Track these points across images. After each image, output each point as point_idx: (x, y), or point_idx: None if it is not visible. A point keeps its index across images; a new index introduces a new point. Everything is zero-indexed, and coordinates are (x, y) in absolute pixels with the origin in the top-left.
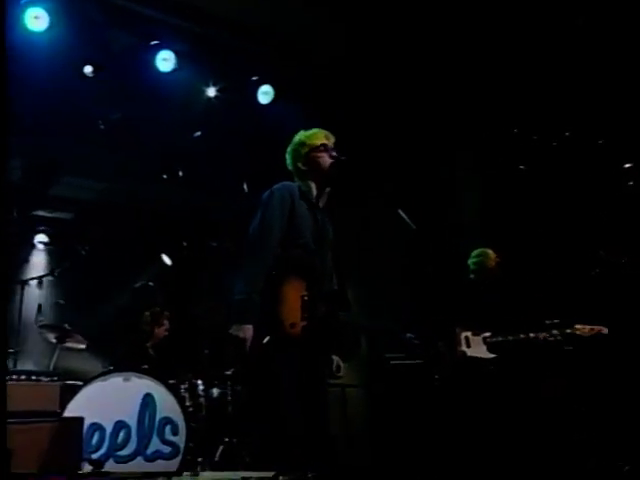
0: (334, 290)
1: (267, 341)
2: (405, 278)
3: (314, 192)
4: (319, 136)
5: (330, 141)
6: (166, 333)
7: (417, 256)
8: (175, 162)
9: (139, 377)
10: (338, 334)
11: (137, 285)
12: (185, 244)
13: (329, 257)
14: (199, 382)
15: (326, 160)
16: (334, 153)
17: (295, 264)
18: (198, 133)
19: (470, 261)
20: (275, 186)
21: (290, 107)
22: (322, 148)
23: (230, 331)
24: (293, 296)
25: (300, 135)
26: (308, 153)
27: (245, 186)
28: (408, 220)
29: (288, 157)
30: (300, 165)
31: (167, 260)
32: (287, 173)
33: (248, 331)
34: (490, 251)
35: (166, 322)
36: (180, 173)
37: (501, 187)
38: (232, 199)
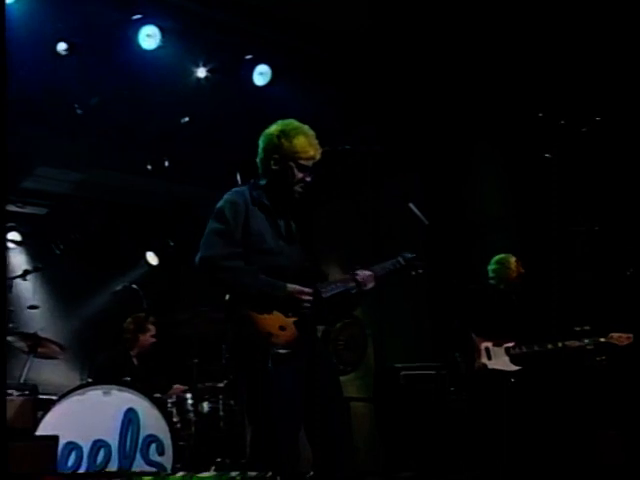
0: (305, 266)
1: (271, 363)
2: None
3: (271, 196)
4: (312, 147)
5: (316, 157)
6: (152, 340)
7: (430, 256)
8: (160, 151)
9: (120, 390)
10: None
11: (118, 287)
12: (172, 242)
13: (297, 252)
14: (188, 395)
15: (298, 179)
16: (308, 178)
17: (265, 269)
18: (186, 119)
19: (490, 269)
20: (226, 196)
21: (290, 89)
22: (304, 164)
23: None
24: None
25: (290, 125)
26: (286, 156)
27: (238, 177)
28: (420, 215)
29: (262, 142)
30: (271, 164)
31: (152, 259)
32: None
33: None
34: (512, 258)
35: (152, 328)
36: (166, 163)
37: (525, 179)
38: (223, 191)
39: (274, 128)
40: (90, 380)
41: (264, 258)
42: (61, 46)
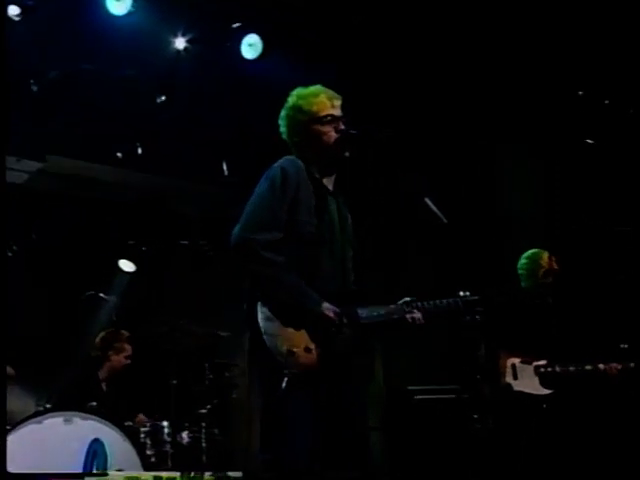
0: (351, 286)
1: (285, 386)
2: (434, 285)
3: (319, 173)
4: (323, 102)
5: (336, 108)
6: (126, 362)
7: (450, 258)
8: (132, 136)
9: (84, 418)
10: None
11: (84, 296)
12: (146, 243)
13: (348, 255)
14: (164, 424)
15: (331, 135)
16: (342, 126)
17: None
18: (162, 98)
19: (519, 266)
20: (277, 162)
21: (284, 64)
22: (327, 120)
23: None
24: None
25: (297, 96)
26: (307, 124)
27: (224, 166)
28: (438, 212)
29: (282, 124)
30: (298, 137)
31: (127, 266)
32: (279, 149)
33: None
34: (545, 253)
35: (127, 348)
36: (139, 150)
37: (561, 167)
38: (208, 184)
39: (285, 106)
40: (48, 406)
41: (303, 249)
42: (13, 10)
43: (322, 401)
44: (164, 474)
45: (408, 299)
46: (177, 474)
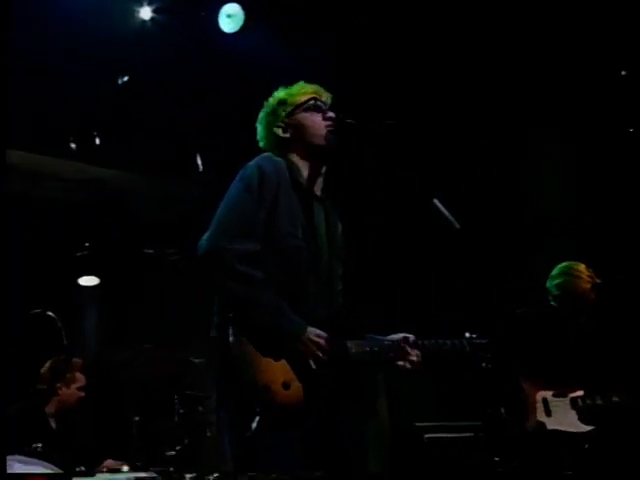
0: (339, 311)
1: (255, 427)
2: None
3: (304, 173)
4: (306, 90)
5: (323, 97)
6: (79, 395)
7: (463, 270)
8: (89, 123)
9: (27, 463)
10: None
11: (30, 315)
12: (103, 251)
13: (336, 273)
14: (124, 469)
15: (318, 123)
16: (330, 113)
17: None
18: (125, 78)
19: (551, 282)
20: (253, 161)
21: (268, 39)
22: (311, 104)
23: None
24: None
25: (278, 93)
26: (291, 115)
27: (198, 161)
28: (449, 215)
29: (260, 126)
30: (280, 133)
31: (88, 280)
32: None
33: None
34: (582, 266)
35: (80, 378)
36: (97, 141)
37: (596, 169)
38: (178, 181)
39: (263, 107)
40: None
41: (283, 266)
42: None
43: (306, 447)
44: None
45: (407, 335)
46: None
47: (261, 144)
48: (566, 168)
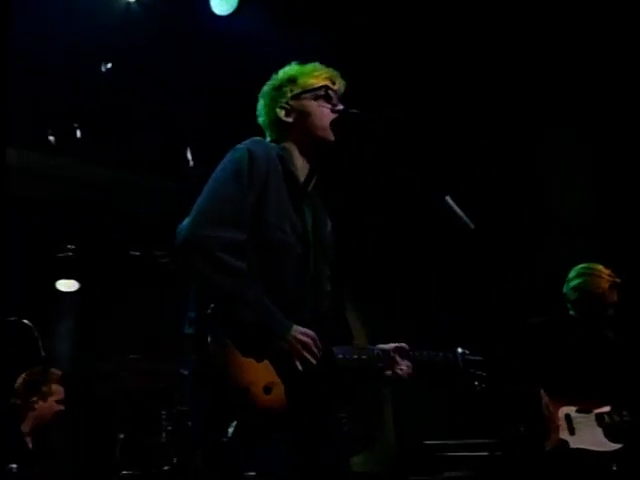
0: (326, 315)
1: (232, 433)
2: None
3: (298, 164)
4: (320, 73)
5: (337, 86)
6: (57, 409)
7: (478, 274)
8: (69, 115)
9: None
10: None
11: (3, 323)
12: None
13: (324, 273)
14: None
15: (326, 115)
16: (340, 106)
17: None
18: (108, 65)
19: (568, 286)
20: (241, 144)
21: (264, 22)
22: (322, 93)
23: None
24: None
25: (289, 69)
26: (298, 98)
27: (189, 155)
28: (462, 215)
29: (262, 101)
30: (282, 115)
31: (67, 285)
32: (260, 132)
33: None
34: (602, 268)
35: (57, 391)
36: (78, 133)
37: (614, 163)
38: (166, 177)
39: (270, 80)
40: None
41: (269, 261)
42: None
43: (287, 454)
44: None
45: (399, 345)
46: None
47: (259, 120)
48: (582, 168)
